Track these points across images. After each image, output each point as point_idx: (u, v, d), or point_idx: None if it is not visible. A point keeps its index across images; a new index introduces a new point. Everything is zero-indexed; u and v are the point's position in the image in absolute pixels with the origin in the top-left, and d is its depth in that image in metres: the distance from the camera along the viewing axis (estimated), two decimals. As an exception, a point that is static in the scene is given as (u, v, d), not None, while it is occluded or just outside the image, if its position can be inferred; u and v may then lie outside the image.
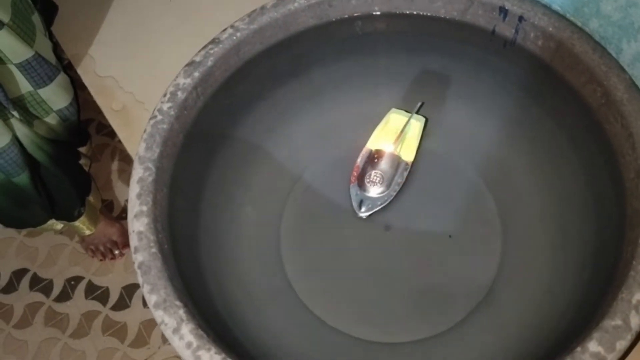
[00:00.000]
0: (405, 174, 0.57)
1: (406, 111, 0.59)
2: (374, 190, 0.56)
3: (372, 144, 0.58)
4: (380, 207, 0.56)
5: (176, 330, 0.39)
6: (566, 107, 0.51)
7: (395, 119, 0.58)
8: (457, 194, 0.57)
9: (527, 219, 0.54)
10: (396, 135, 0.57)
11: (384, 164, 0.57)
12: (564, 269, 0.49)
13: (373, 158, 0.57)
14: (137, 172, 0.46)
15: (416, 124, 0.58)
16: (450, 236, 0.55)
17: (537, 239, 0.53)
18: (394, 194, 0.56)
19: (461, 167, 0.58)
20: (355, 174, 0.57)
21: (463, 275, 0.53)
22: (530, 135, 0.56)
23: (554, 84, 0.51)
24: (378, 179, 0.56)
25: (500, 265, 0.52)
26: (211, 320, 0.43)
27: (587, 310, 0.43)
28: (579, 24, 0.49)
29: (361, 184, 0.56)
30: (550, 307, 0.47)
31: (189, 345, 0.38)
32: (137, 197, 0.45)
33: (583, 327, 0.39)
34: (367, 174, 0.57)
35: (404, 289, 0.54)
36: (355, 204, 0.56)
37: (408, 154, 0.57)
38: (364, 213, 0.56)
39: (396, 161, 0.57)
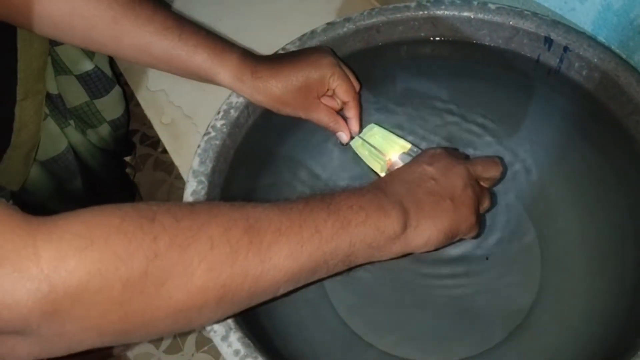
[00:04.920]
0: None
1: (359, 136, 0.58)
2: None
3: (379, 170, 0.56)
4: None
5: (225, 338, 0.40)
6: (609, 137, 0.52)
7: (360, 145, 0.57)
8: (496, 218, 0.57)
9: (567, 245, 0.54)
10: (377, 151, 0.56)
11: None
12: (603, 296, 0.50)
13: None
14: (191, 185, 0.48)
15: (376, 132, 0.57)
16: (487, 258, 0.56)
17: (577, 265, 0.53)
18: None
19: (501, 191, 0.58)
20: None
21: (501, 298, 0.53)
22: (572, 163, 0.56)
23: (598, 114, 0.52)
24: None
25: (539, 290, 0.53)
26: (255, 330, 0.45)
27: (627, 338, 0.43)
28: (624, 56, 0.50)
29: None
30: (589, 333, 0.48)
31: (236, 352, 0.40)
32: (190, 209, 0.47)
33: (622, 354, 0.39)
34: None
35: (441, 308, 0.54)
36: None
37: (402, 146, 0.56)
38: None
39: (405, 157, 0.55)
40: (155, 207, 0.32)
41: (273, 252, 0.34)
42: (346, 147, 0.62)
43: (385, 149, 0.55)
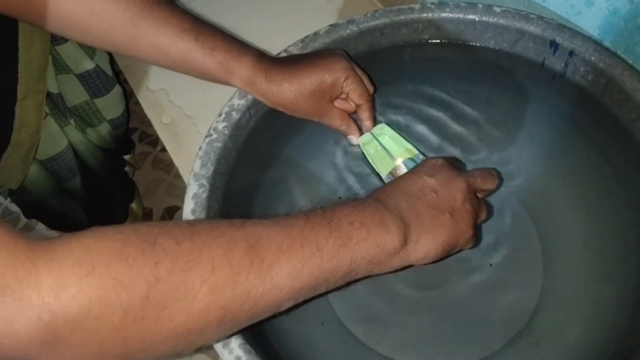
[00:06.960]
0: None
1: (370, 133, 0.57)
2: None
3: (382, 170, 0.55)
4: None
5: (226, 345, 0.40)
6: (614, 142, 0.51)
7: (369, 142, 0.56)
8: (499, 223, 0.57)
9: (569, 250, 0.54)
10: (384, 151, 0.55)
11: None
12: (605, 303, 0.49)
13: None
14: (192, 188, 0.48)
15: (386, 132, 0.56)
16: (490, 264, 0.55)
17: (579, 271, 0.53)
18: None
19: (504, 195, 0.58)
20: None
21: (503, 304, 0.53)
22: (575, 168, 0.56)
23: (602, 119, 0.51)
24: None
25: (541, 296, 0.53)
26: (257, 336, 0.44)
27: (629, 346, 0.43)
28: (630, 61, 0.50)
29: None
30: (591, 341, 0.48)
31: (237, 359, 0.39)
32: (191, 212, 0.47)
33: (626, 364, 0.39)
34: None
35: (443, 313, 0.54)
36: None
37: (409, 150, 0.55)
38: None
39: (410, 163, 0.54)
40: (157, 229, 0.31)
41: (274, 272, 0.34)
42: (348, 150, 0.62)
43: (392, 150, 0.55)
